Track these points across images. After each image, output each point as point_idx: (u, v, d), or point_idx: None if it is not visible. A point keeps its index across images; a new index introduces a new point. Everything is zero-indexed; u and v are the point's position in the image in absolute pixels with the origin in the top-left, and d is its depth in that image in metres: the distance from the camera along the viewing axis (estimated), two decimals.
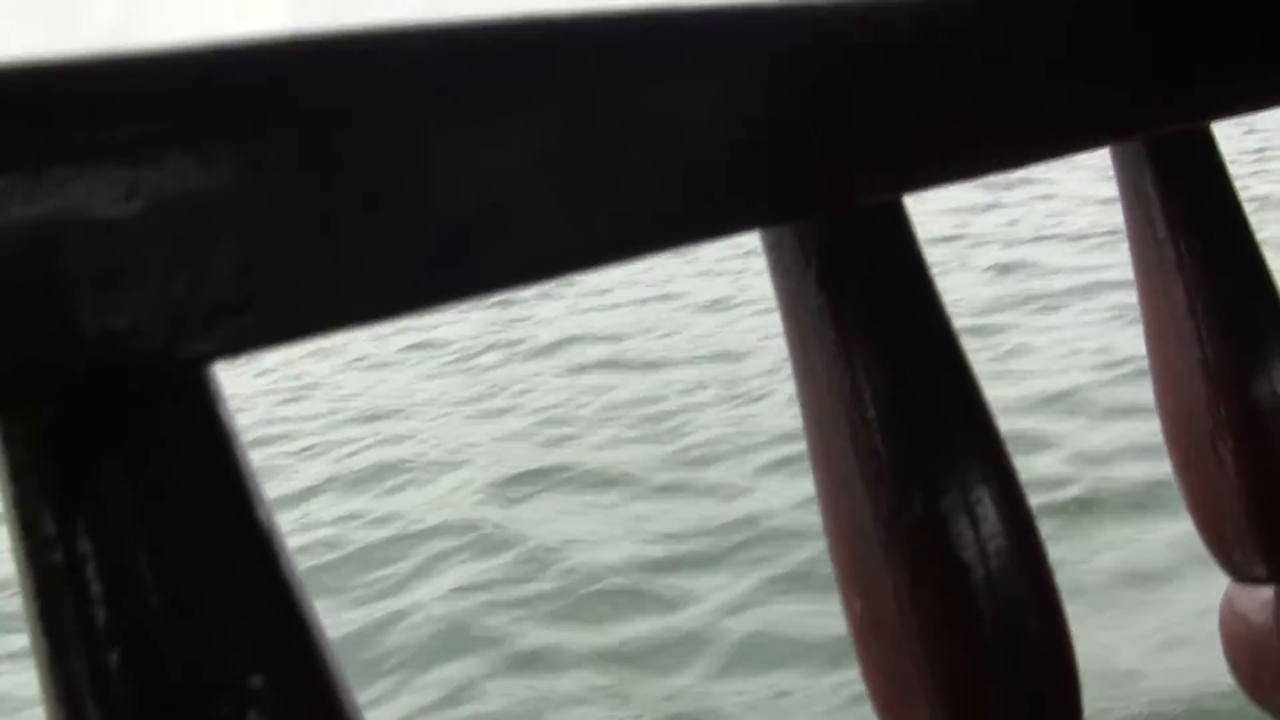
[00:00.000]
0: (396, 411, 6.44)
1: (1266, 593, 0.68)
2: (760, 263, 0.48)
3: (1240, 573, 0.69)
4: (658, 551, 3.98)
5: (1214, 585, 0.71)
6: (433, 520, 4.55)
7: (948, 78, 0.47)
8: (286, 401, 7.13)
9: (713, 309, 7.67)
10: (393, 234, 0.32)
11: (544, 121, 0.35)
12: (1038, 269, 7.40)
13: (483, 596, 3.81)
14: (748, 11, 0.41)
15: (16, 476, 0.29)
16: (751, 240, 0.45)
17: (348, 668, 0.31)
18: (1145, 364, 0.68)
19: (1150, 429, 0.74)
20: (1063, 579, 0.50)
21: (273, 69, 0.31)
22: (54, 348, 0.27)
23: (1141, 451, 3.86)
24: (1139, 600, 3.22)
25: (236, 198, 0.29)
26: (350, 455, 5.72)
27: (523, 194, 0.34)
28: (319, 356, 7.89)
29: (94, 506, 0.29)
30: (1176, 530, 3.05)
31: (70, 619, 0.28)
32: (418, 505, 4.79)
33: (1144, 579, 3.31)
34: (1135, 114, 0.57)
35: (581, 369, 6.68)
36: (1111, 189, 0.66)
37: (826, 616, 3.05)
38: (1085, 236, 7.90)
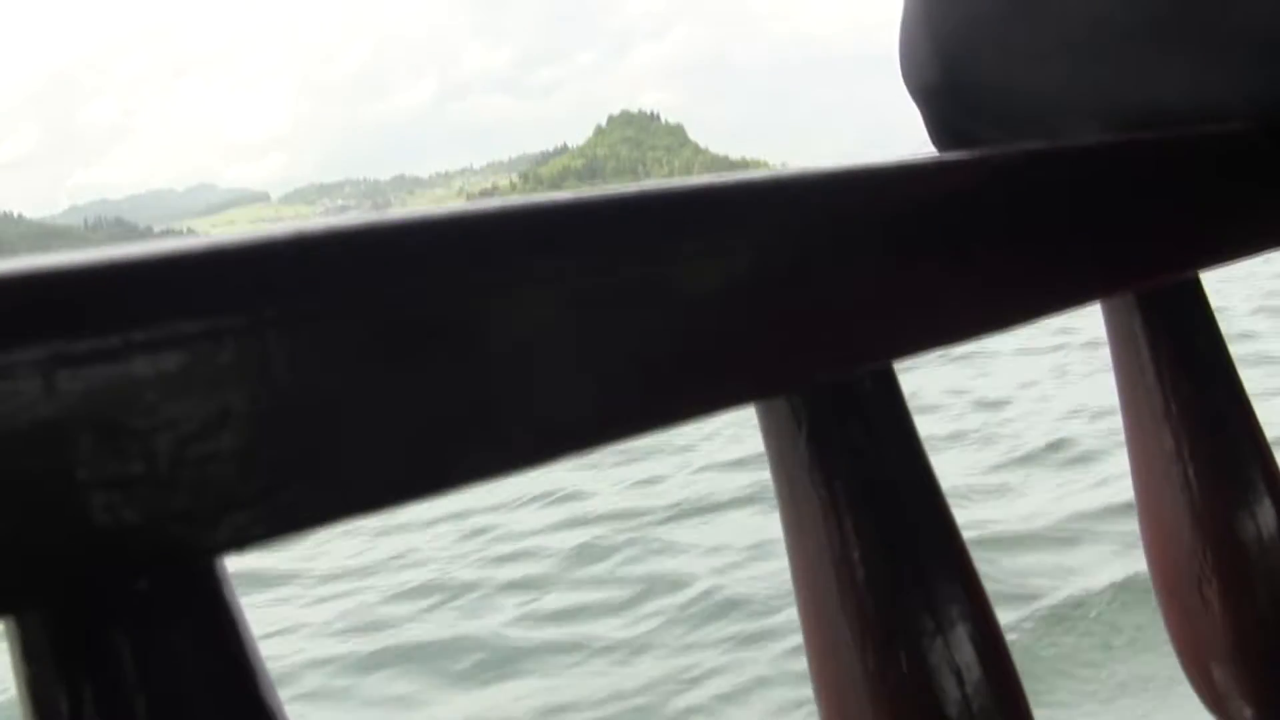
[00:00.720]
0: None
1: None
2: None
3: (1226, 715, 0.69)
4: None
5: None
6: None
7: (937, 242, 0.48)
8: None
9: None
10: (400, 422, 0.33)
11: (541, 304, 0.36)
12: None
13: None
14: (737, 186, 0.42)
15: (30, 659, 0.30)
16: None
17: None
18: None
19: None
20: None
21: (277, 264, 0.32)
22: (67, 544, 0.28)
23: None
24: None
25: (244, 394, 0.31)
26: None
27: (521, 377, 0.36)
28: None
29: (105, 691, 0.30)
30: None
31: None
32: None
33: None
34: (1125, 270, 0.59)
35: None
36: None
37: None
38: None
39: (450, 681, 4.87)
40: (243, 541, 0.31)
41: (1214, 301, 0.67)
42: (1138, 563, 0.69)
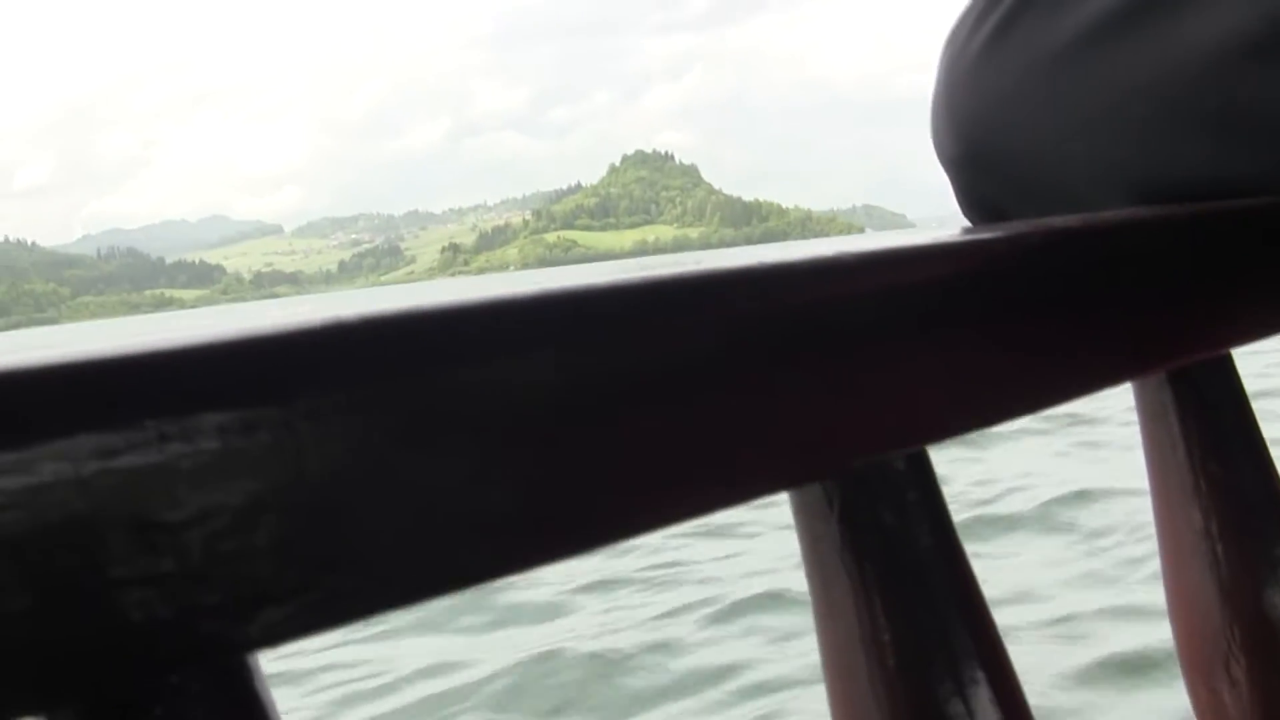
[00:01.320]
0: None
1: None
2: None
3: None
4: None
5: None
6: None
7: (971, 322, 0.48)
8: None
9: None
10: (436, 513, 0.33)
11: (578, 392, 0.36)
12: None
13: None
14: (757, 269, 0.42)
15: None
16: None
17: None
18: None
19: None
20: None
21: (311, 352, 0.31)
22: (99, 640, 0.28)
23: None
24: None
25: (278, 487, 0.30)
26: None
27: (561, 467, 0.35)
28: None
29: None
30: None
31: None
32: None
33: None
34: (1159, 348, 0.58)
35: None
36: None
37: None
38: None
39: None
40: (276, 637, 0.30)
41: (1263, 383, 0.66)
42: None
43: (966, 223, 0.80)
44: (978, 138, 0.73)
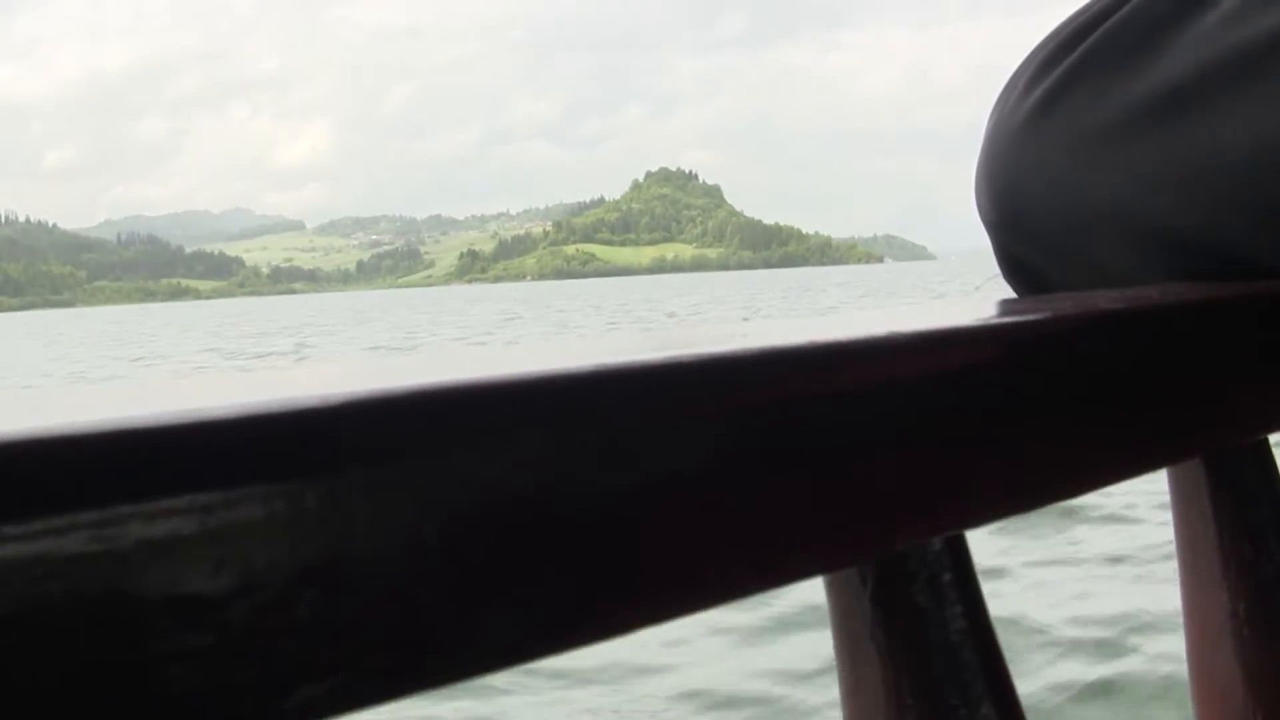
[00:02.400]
0: None
1: None
2: None
3: None
4: None
5: None
6: None
7: (1007, 409, 0.47)
8: None
9: None
10: (478, 591, 0.32)
11: (623, 469, 0.35)
12: None
13: None
14: (785, 352, 0.40)
15: None
16: None
17: None
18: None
19: None
20: None
21: (357, 423, 0.31)
22: (133, 717, 0.27)
23: None
24: None
25: (319, 561, 0.30)
26: None
27: (603, 546, 0.35)
28: None
29: None
30: None
31: None
32: None
33: None
34: (1194, 435, 0.58)
35: None
36: None
37: None
38: None
39: None
40: (312, 714, 0.30)
41: None
42: None
43: (996, 270, 0.79)
44: (1018, 204, 0.73)
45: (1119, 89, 0.67)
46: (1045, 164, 0.71)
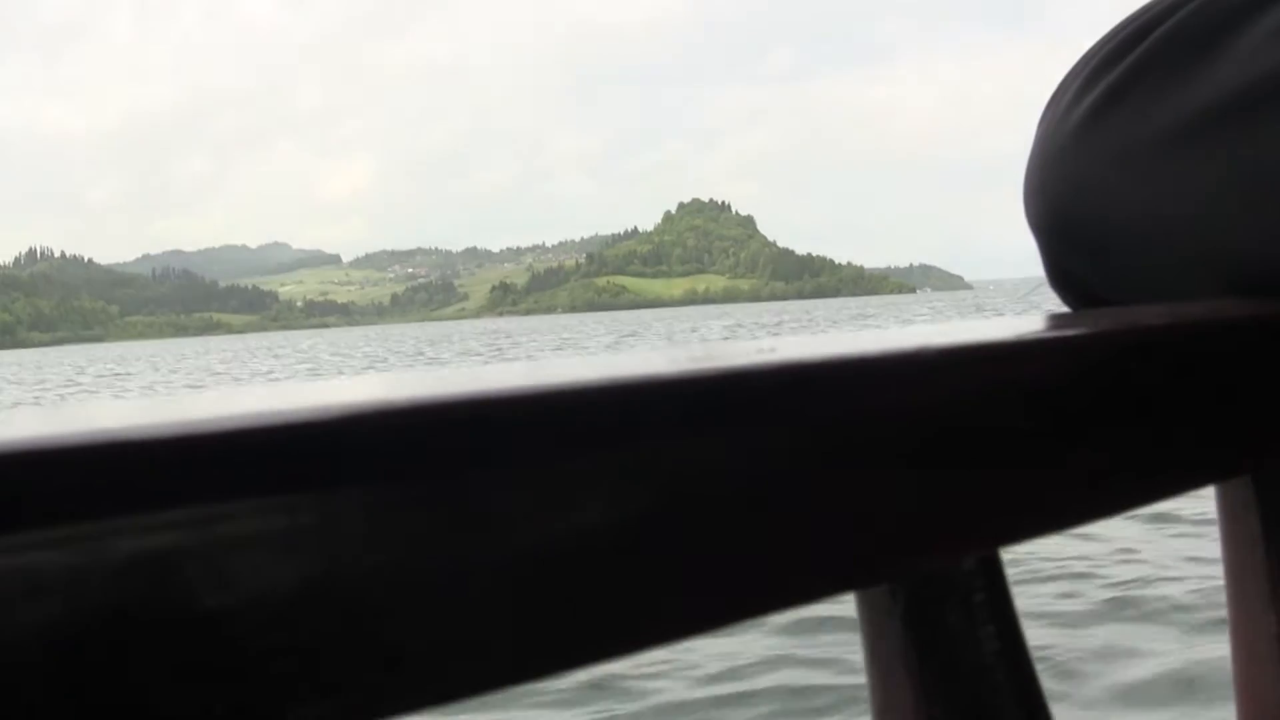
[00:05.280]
0: None
1: None
2: None
3: None
4: None
5: None
6: None
7: (1049, 425, 0.46)
8: None
9: None
10: (476, 610, 0.31)
11: (633, 491, 0.34)
12: None
13: None
14: (817, 367, 0.39)
15: None
16: None
17: None
18: None
19: None
20: None
21: (358, 437, 0.29)
22: None
23: None
24: None
25: (318, 580, 0.28)
26: None
27: (613, 567, 0.33)
28: None
29: None
30: None
31: None
32: None
33: None
34: (1244, 450, 0.56)
35: None
36: None
37: None
38: None
39: None
40: None
41: None
42: None
43: (1038, 295, 0.78)
44: (1068, 212, 0.72)
45: (1172, 98, 0.66)
46: (1096, 173, 0.69)
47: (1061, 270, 0.74)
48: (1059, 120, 0.72)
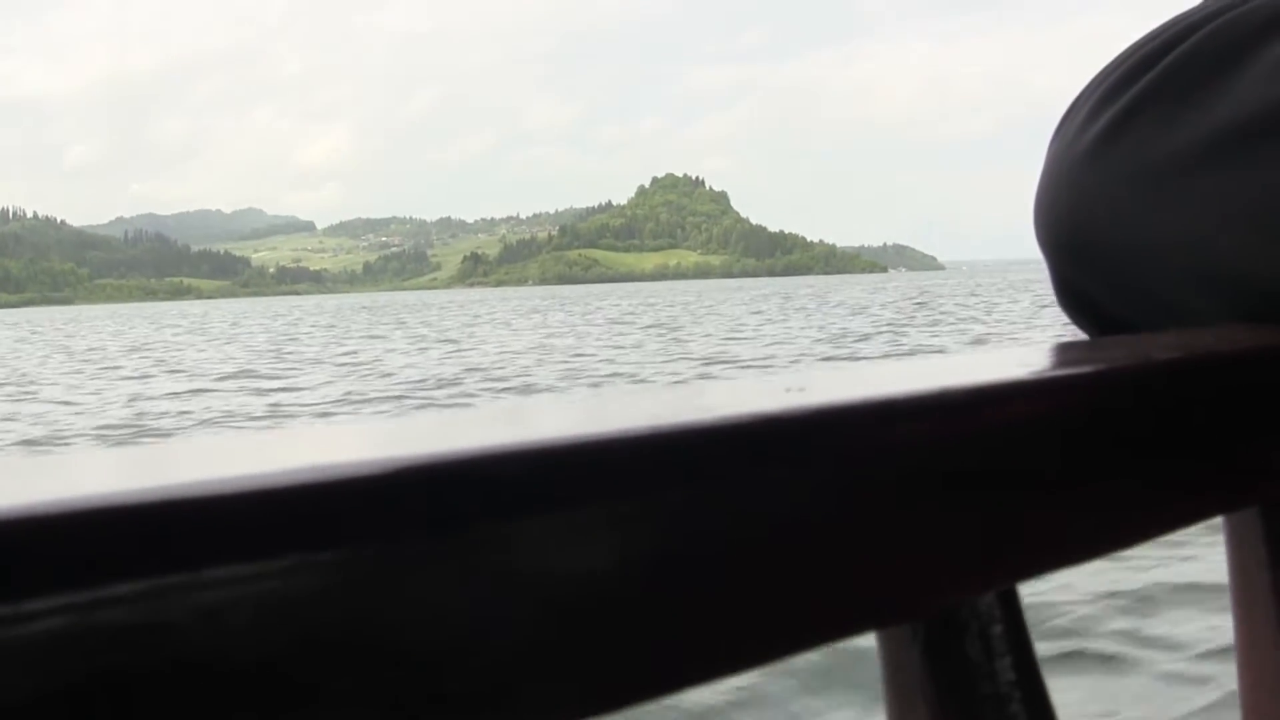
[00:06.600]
0: None
1: None
2: None
3: None
4: None
5: None
6: None
7: (1065, 461, 0.45)
8: None
9: None
10: (480, 666, 0.30)
11: (647, 525, 0.33)
12: None
13: None
14: (841, 410, 0.39)
15: None
16: None
17: None
18: None
19: None
20: None
21: (370, 497, 0.29)
22: None
23: None
24: None
25: (326, 634, 0.28)
26: None
27: (635, 609, 0.33)
28: None
29: None
30: None
31: None
32: None
33: None
34: (1250, 484, 0.56)
35: None
36: None
37: None
38: None
39: None
40: None
41: None
42: None
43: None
44: (1078, 235, 0.71)
45: (1186, 122, 0.65)
46: (1108, 195, 0.69)
47: (1071, 290, 0.74)
48: (1071, 141, 0.71)
